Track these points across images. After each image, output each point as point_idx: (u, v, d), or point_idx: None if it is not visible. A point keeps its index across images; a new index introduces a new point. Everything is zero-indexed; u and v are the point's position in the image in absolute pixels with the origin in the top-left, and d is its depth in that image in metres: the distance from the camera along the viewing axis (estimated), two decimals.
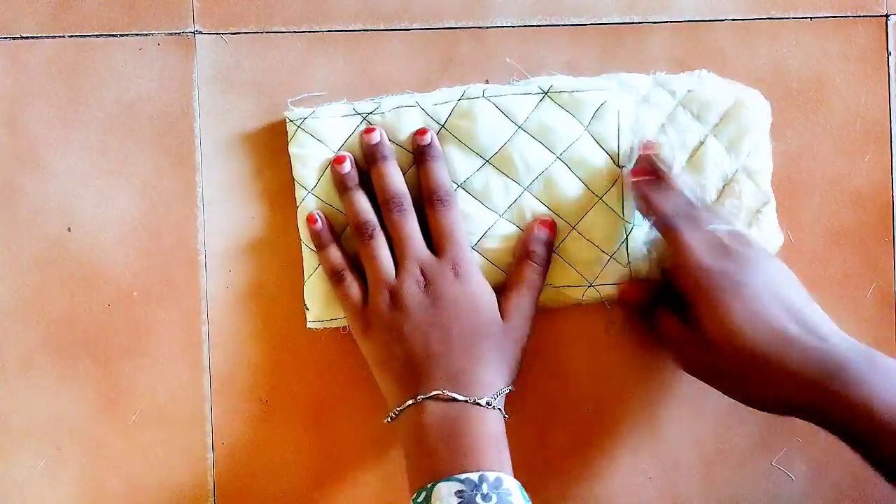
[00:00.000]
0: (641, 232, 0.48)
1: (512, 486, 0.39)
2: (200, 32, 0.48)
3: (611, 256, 0.48)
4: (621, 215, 0.47)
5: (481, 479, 0.38)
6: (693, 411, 0.50)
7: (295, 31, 0.48)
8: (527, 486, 0.40)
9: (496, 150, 0.47)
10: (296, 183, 0.47)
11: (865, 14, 0.51)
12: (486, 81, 0.49)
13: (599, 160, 0.47)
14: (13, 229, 0.47)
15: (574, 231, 0.48)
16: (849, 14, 0.50)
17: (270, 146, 0.48)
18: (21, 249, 0.47)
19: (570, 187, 0.47)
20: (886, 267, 0.50)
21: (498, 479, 0.38)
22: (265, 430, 0.48)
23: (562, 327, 0.49)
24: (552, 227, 0.46)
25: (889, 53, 0.51)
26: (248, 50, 0.48)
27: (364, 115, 0.47)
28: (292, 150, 0.47)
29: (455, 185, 0.47)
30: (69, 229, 0.47)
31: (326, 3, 0.48)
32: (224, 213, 0.48)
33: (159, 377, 0.48)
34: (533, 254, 0.46)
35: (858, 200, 0.50)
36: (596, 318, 0.49)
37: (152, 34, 0.48)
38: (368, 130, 0.46)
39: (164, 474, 0.48)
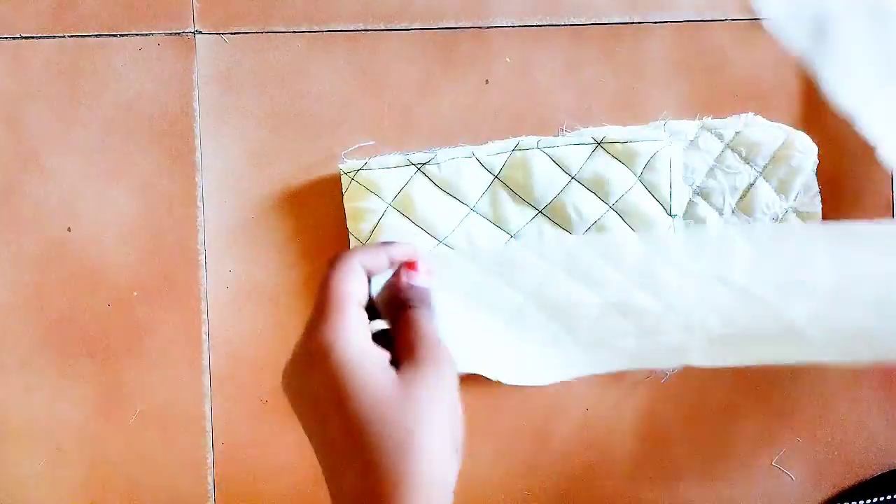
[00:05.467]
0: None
1: None
2: (200, 32, 0.48)
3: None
4: None
5: None
6: (693, 411, 0.50)
7: (295, 31, 0.48)
8: (525, 488, 0.40)
9: (549, 200, 0.47)
10: (350, 235, 0.47)
11: None
12: (486, 81, 0.49)
13: (651, 209, 0.47)
14: (13, 229, 0.47)
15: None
16: None
17: (271, 146, 0.48)
18: (21, 249, 0.47)
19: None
20: None
21: None
22: (265, 430, 0.48)
23: None
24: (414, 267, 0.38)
25: None
26: (248, 50, 0.48)
27: (419, 166, 0.47)
28: (347, 204, 0.47)
29: (509, 236, 0.47)
30: (69, 229, 0.47)
31: (326, 3, 0.48)
32: (224, 213, 0.48)
33: (159, 377, 0.48)
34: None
35: (858, 199, 0.50)
36: None
37: (152, 34, 0.48)
38: (412, 266, 0.37)
39: (164, 474, 0.48)
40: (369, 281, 0.36)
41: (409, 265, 0.37)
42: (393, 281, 0.37)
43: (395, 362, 0.33)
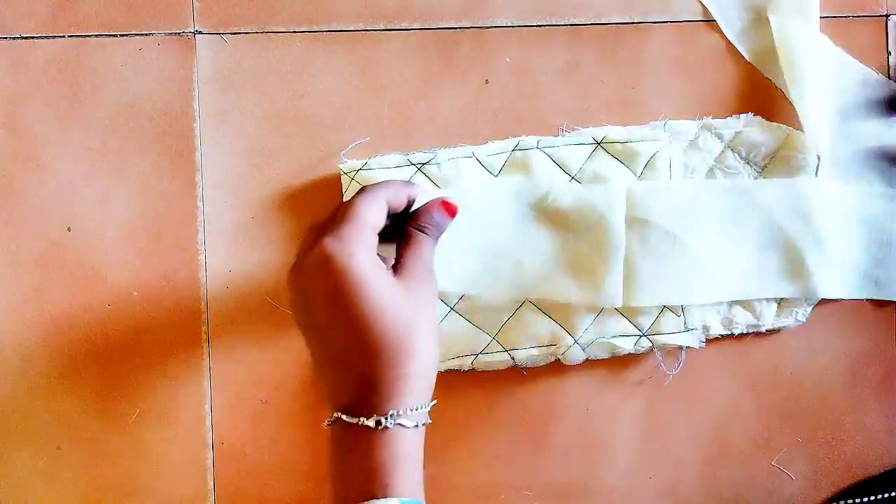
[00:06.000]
0: None
1: None
2: (200, 32, 0.48)
3: (665, 306, 0.48)
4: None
5: None
6: (693, 411, 0.50)
7: (295, 31, 0.48)
8: (527, 486, 0.40)
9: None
10: None
11: (865, 14, 0.51)
12: (486, 82, 0.49)
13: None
14: (13, 229, 0.47)
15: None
16: (849, 14, 0.50)
17: (271, 146, 0.48)
18: (21, 249, 0.47)
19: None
20: None
21: None
22: (265, 430, 0.48)
23: None
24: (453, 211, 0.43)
25: (889, 53, 0.51)
26: (248, 50, 0.48)
27: (419, 166, 0.47)
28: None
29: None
30: (69, 229, 0.47)
31: (326, 3, 0.48)
32: (224, 213, 0.48)
33: (159, 377, 0.48)
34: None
35: None
36: None
37: (152, 34, 0.48)
38: (449, 208, 0.42)
39: (164, 474, 0.48)
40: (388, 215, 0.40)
41: (446, 206, 0.42)
42: (425, 207, 0.41)
43: (393, 268, 0.39)
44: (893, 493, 0.48)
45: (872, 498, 0.49)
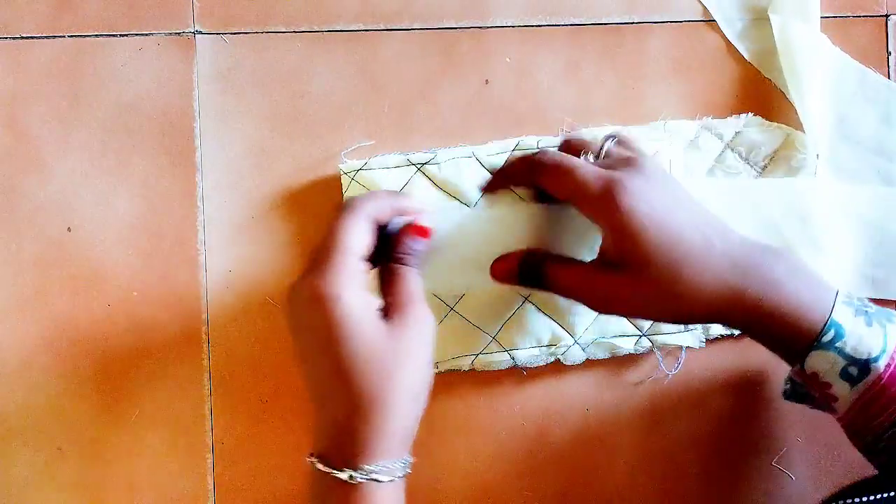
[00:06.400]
0: None
1: None
2: (200, 32, 0.48)
3: None
4: None
5: None
6: (693, 411, 0.50)
7: (295, 31, 0.48)
8: (525, 488, 0.40)
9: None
10: None
11: (865, 14, 0.51)
12: (486, 81, 0.49)
13: None
14: (13, 229, 0.47)
15: None
16: (849, 14, 0.50)
17: (271, 146, 0.48)
18: (21, 249, 0.47)
19: None
20: None
21: None
22: (265, 430, 0.48)
23: None
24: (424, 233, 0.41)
25: (889, 53, 0.51)
26: (248, 50, 0.48)
27: (419, 166, 0.47)
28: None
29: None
30: (69, 229, 0.47)
31: (326, 3, 0.48)
32: (224, 213, 0.48)
33: (159, 377, 0.48)
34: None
35: None
36: None
37: (152, 34, 0.48)
38: (419, 231, 0.40)
39: (164, 474, 0.48)
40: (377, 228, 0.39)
41: (417, 229, 0.40)
42: (396, 236, 0.40)
43: (383, 309, 0.37)
44: (893, 493, 0.48)
45: (872, 498, 0.49)
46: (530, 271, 0.41)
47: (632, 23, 0.50)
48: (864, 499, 0.48)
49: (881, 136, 0.50)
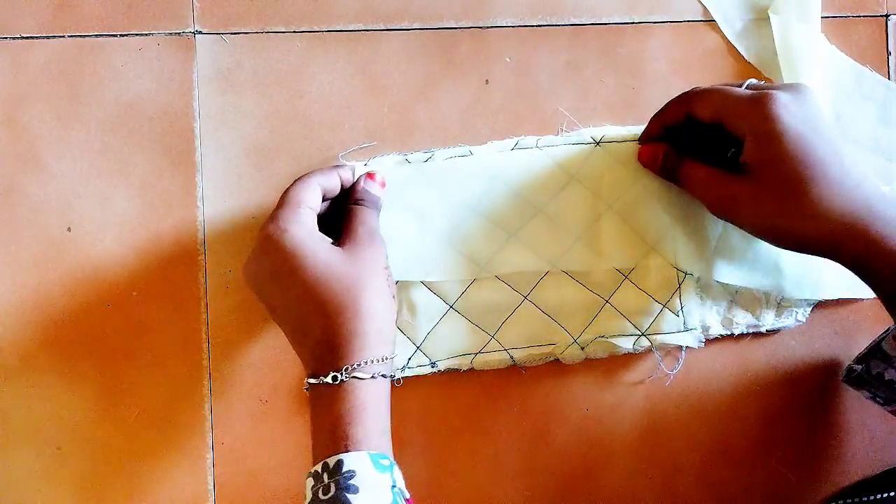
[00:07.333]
0: (693, 280, 0.48)
1: (356, 464, 0.37)
2: (200, 32, 0.48)
3: (664, 306, 0.48)
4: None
5: (323, 467, 0.37)
6: (693, 411, 0.50)
7: (295, 31, 0.48)
8: (525, 488, 0.40)
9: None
10: None
11: (865, 14, 0.51)
12: (486, 81, 0.49)
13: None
14: (13, 229, 0.47)
15: (627, 280, 0.47)
16: (849, 14, 0.50)
17: (271, 146, 0.48)
18: (21, 249, 0.47)
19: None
20: None
21: (338, 463, 0.37)
22: (265, 430, 0.48)
23: None
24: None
25: (889, 53, 0.51)
26: (248, 50, 0.48)
27: (417, 166, 0.47)
28: None
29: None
30: (69, 229, 0.47)
31: (326, 3, 0.48)
32: (224, 213, 0.48)
33: (159, 377, 0.48)
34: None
35: None
36: None
37: (152, 34, 0.48)
38: (374, 176, 0.45)
39: (164, 474, 0.48)
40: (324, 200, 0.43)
41: (369, 175, 0.44)
42: (355, 183, 0.44)
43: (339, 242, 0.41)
44: (893, 493, 0.48)
45: (872, 498, 0.49)
46: (669, 162, 0.45)
47: (632, 23, 0.50)
48: (864, 499, 0.48)
49: (878, 134, 0.50)
